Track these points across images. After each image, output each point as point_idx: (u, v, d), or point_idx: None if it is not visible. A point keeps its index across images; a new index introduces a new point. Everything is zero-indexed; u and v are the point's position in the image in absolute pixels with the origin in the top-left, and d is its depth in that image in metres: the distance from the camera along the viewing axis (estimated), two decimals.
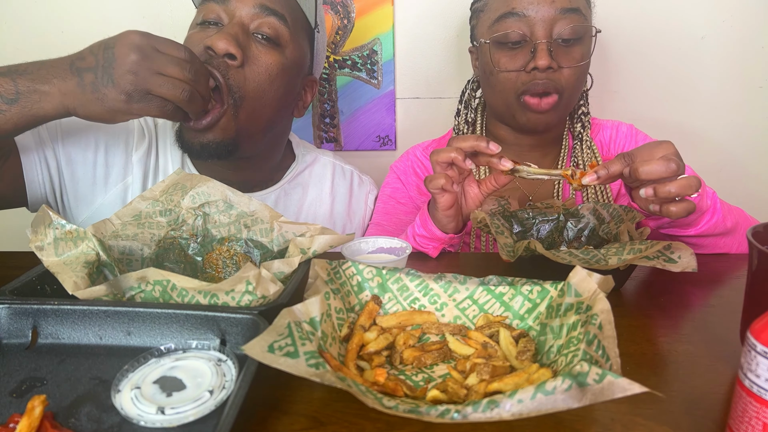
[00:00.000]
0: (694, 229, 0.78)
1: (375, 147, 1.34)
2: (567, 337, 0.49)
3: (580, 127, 0.99)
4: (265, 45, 0.84)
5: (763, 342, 0.36)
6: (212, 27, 0.83)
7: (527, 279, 0.58)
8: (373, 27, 1.24)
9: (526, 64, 0.87)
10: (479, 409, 0.38)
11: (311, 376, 0.41)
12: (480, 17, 0.94)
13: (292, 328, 0.46)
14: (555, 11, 0.85)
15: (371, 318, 0.57)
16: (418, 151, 1.05)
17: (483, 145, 0.70)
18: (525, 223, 0.81)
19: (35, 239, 0.59)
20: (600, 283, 0.52)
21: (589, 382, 0.39)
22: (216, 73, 0.78)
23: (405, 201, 1.03)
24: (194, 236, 0.72)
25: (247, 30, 0.83)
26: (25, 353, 0.51)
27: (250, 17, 0.83)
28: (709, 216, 0.77)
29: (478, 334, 0.54)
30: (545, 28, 0.85)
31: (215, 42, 0.78)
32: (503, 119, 0.97)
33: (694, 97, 1.25)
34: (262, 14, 0.83)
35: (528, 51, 0.87)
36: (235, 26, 0.81)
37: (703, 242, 0.81)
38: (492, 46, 0.90)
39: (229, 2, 0.82)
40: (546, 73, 0.85)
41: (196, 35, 0.83)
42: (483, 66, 0.94)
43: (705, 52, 1.22)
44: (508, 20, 0.87)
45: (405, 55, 1.27)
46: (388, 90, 1.29)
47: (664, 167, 0.61)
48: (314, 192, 1.04)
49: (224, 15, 0.83)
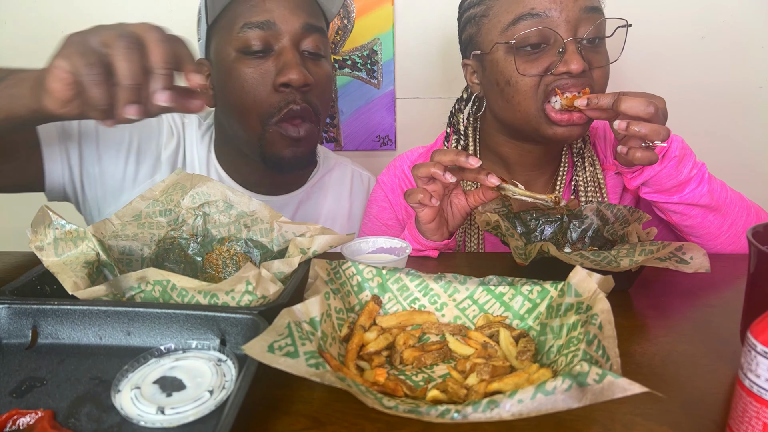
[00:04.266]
0: (678, 196, 0.78)
1: (375, 147, 1.34)
2: (567, 337, 0.49)
3: (581, 143, 0.95)
4: (313, 59, 0.86)
5: (763, 342, 0.36)
6: (258, 55, 0.83)
7: (527, 279, 0.58)
8: (373, 27, 1.24)
9: (552, 67, 0.79)
10: (479, 409, 0.38)
11: (311, 376, 0.41)
12: (483, 24, 0.84)
13: (292, 328, 0.46)
14: (579, 11, 0.78)
15: (371, 318, 0.56)
16: (405, 166, 1.01)
17: (463, 159, 0.70)
18: (528, 224, 0.81)
19: (35, 239, 0.59)
20: (600, 283, 0.52)
21: (589, 382, 0.39)
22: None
23: (391, 223, 1.00)
24: (194, 236, 0.72)
25: (300, 51, 0.84)
26: (25, 353, 0.51)
27: (298, 38, 0.84)
28: (694, 185, 0.77)
29: (478, 334, 0.54)
30: (570, 29, 0.78)
31: (290, 77, 0.81)
32: (521, 133, 0.88)
33: (694, 97, 1.25)
34: (308, 33, 0.84)
35: (553, 53, 0.79)
36: (292, 53, 0.83)
37: (688, 212, 0.80)
38: (505, 52, 0.81)
39: (276, 26, 0.82)
40: (577, 76, 0.78)
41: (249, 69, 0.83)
42: (495, 76, 0.84)
43: (705, 52, 1.22)
44: (527, 22, 0.78)
45: (405, 55, 1.27)
46: (388, 90, 1.29)
47: (643, 105, 0.66)
48: (334, 196, 1.06)
49: (272, 40, 0.83)
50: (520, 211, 0.82)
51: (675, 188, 0.77)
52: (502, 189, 0.72)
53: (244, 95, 0.84)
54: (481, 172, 0.71)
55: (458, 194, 0.80)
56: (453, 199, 0.80)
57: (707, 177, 0.78)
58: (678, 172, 0.76)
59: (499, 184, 0.71)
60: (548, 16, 0.78)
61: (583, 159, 0.95)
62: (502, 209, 0.80)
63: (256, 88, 0.83)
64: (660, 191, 0.79)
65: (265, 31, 0.82)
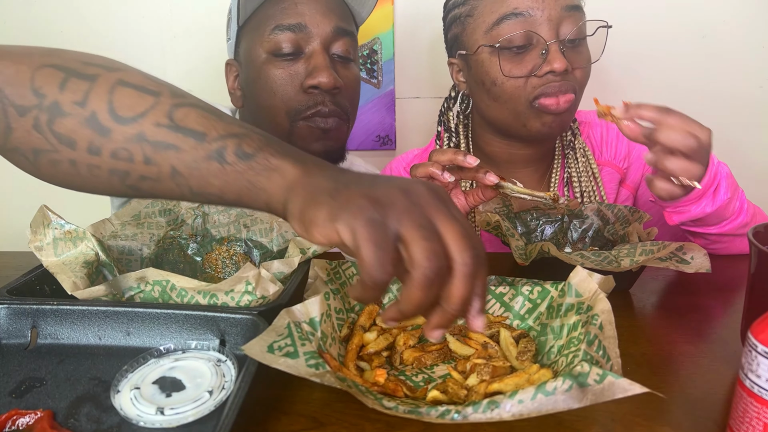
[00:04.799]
0: (716, 228, 0.76)
1: (375, 147, 1.34)
2: (567, 338, 0.49)
3: (570, 135, 0.96)
4: (342, 63, 0.86)
5: (763, 342, 0.36)
6: (289, 57, 0.83)
7: (527, 279, 0.58)
8: (373, 27, 1.24)
9: (535, 68, 0.80)
10: (479, 410, 0.38)
11: (311, 376, 0.41)
12: (468, 24, 0.85)
13: (292, 329, 0.46)
14: (560, 9, 0.80)
15: (371, 318, 0.56)
16: (401, 168, 1.01)
17: (460, 158, 0.70)
18: (529, 224, 0.81)
19: (34, 239, 0.59)
20: (600, 284, 0.51)
21: (590, 382, 0.39)
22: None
23: None
24: (194, 236, 0.72)
25: (330, 54, 0.84)
26: (24, 353, 0.51)
27: (328, 42, 0.84)
28: (735, 215, 0.75)
29: (479, 335, 0.54)
30: (552, 28, 0.80)
31: (320, 80, 0.80)
32: (509, 131, 0.89)
33: (695, 97, 1.25)
34: (339, 36, 0.84)
35: (536, 54, 0.80)
36: (322, 56, 0.82)
37: (725, 241, 0.79)
38: (490, 53, 0.83)
39: (307, 29, 0.82)
40: (561, 75, 0.80)
41: (278, 71, 0.83)
42: (481, 76, 0.85)
43: (705, 52, 1.22)
44: (511, 22, 0.80)
45: (405, 55, 1.27)
46: (388, 90, 1.29)
47: (682, 138, 0.61)
48: None
49: (303, 43, 0.83)
50: (521, 211, 0.81)
51: (715, 223, 0.75)
52: (501, 187, 0.72)
53: (273, 96, 0.83)
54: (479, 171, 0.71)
55: (457, 194, 0.80)
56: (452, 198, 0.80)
57: (746, 207, 0.76)
58: (725, 210, 0.73)
59: (498, 182, 0.71)
60: (531, 15, 0.79)
61: (575, 151, 0.95)
62: (503, 209, 0.80)
63: (284, 89, 0.83)
64: (700, 225, 0.76)
65: (296, 34, 0.82)
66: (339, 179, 0.40)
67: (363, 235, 0.35)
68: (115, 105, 0.44)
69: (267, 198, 0.42)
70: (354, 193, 0.37)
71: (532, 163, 0.95)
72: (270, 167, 0.42)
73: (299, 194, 0.40)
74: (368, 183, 0.39)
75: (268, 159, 0.42)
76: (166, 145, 0.43)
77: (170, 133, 0.43)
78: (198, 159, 0.43)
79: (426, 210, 0.37)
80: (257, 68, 0.84)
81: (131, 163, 0.44)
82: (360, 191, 0.37)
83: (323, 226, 0.37)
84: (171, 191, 0.45)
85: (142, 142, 0.43)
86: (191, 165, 0.43)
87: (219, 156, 0.43)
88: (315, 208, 0.38)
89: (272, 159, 0.42)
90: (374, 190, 0.38)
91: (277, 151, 0.43)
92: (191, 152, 0.43)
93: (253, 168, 0.42)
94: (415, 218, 0.36)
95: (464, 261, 0.36)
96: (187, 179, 0.44)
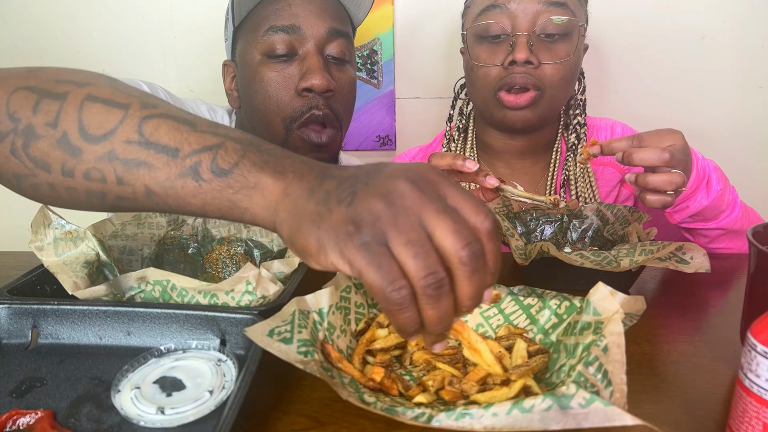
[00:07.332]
0: (714, 223, 0.79)
1: (375, 147, 1.34)
2: (580, 358, 0.46)
3: (575, 138, 0.96)
4: (338, 64, 0.86)
5: (763, 342, 0.36)
6: (283, 58, 0.83)
7: (556, 293, 0.56)
8: (373, 27, 1.24)
9: (504, 59, 0.84)
10: (452, 417, 0.37)
11: (297, 363, 0.41)
12: (467, 14, 0.91)
13: (296, 316, 0.46)
14: (539, 4, 0.82)
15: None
16: None
17: (459, 163, 0.70)
18: (528, 224, 0.81)
19: (35, 239, 0.59)
20: (624, 303, 0.46)
21: (573, 405, 0.37)
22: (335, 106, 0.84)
23: None
24: (194, 236, 0.72)
25: (324, 56, 0.84)
26: (25, 353, 0.51)
27: (323, 43, 0.83)
28: (730, 208, 0.79)
29: (494, 344, 0.52)
30: (527, 21, 0.82)
31: (313, 82, 0.80)
32: (484, 117, 0.94)
33: (694, 98, 1.25)
34: (333, 38, 0.84)
35: (507, 45, 0.84)
36: (316, 58, 0.82)
37: (724, 238, 0.82)
38: (473, 41, 0.87)
39: (301, 30, 0.82)
40: (524, 68, 0.82)
41: (272, 73, 0.83)
42: (466, 63, 0.92)
43: (705, 52, 1.22)
44: (490, 13, 0.84)
45: (405, 55, 1.27)
46: (388, 90, 1.29)
47: (656, 156, 0.63)
48: None
49: (297, 44, 0.83)
50: (520, 211, 0.82)
51: (713, 217, 0.79)
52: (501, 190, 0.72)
53: (268, 99, 0.83)
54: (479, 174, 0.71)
55: None
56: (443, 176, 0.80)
57: (739, 202, 0.80)
58: (720, 202, 0.77)
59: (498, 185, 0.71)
60: (507, 8, 0.83)
61: (575, 155, 0.96)
62: (503, 209, 0.80)
63: (279, 92, 0.83)
64: (700, 220, 0.80)
65: (290, 35, 0.82)
66: (319, 198, 0.37)
67: (360, 262, 0.34)
68: (85, 123, 0.42)
69: (251, 218, 0.41)
70: (337, 218, 0.35)
71: (528, 155, 0.97)
72: (248, 185, 0.40)
73: (284, 219, 0.38)
74: (348, 195, 0.36)
75: (245, 176, 0.40)
76: (138, 162, 0.41)
77: (141, 150, 0.41)
78: (171, 177, 0.41)
79: (412, 212, 0.35)
80: (252, 69, 0.84)
81: (104, 184, 0.42)
82: (341, 215, 0.35)
83: (318, 257, 0.36)
84: (152, 209, 0.44)
85: (114, 161, 0.42)
86: (165, 184, 0.41)
87: (194, 173, 0.41)
88: (303, 237, 0.36)
89: (249, 176, 0.40)
90: (355, 206, 0.35)
91: (254, 164, 0.40)
92: (164, 170, 0.41)
93: (231, 186, 0.40)
94: (402, 231, 0.34)
95: (462, 262, 0.34)
96: (163, 198, 0.42)
